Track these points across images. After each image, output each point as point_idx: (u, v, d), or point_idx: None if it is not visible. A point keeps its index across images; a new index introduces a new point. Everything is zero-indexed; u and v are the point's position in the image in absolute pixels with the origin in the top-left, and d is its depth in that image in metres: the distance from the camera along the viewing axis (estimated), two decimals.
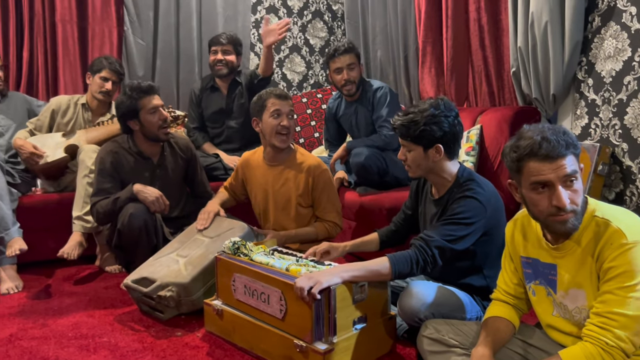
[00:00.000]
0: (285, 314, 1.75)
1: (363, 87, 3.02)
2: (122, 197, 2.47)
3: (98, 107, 3.13)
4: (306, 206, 2.47)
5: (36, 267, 2.82)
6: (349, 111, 3.10)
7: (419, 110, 1.83)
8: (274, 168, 2.49)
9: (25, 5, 3.47)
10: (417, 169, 1.89)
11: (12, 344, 1.97)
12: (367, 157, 2.76)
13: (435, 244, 1.75)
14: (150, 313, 2.23)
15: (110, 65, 3.06)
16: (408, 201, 2.14)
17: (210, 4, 4.05)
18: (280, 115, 2.39)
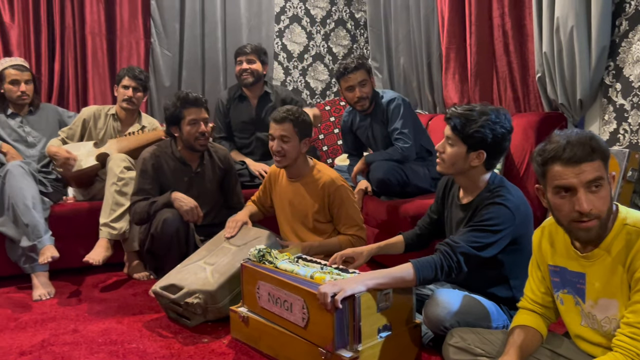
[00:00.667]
0: (308, 323, 1.76)
1: (376, 100, 2.98)
2: (158, 202, 2.55)
3: (126, 117, 3.20)
4: (324, 221, 2.48)
5: (67, 274, 2.88)
6: (364, 124, 3.08)
7: (479, 111, 1.80)
8: (293, 183, 2.51)
9: (57, 18, 3.58)
10: (450, 166, 1.86)
11: (44, 349, 2.02)
12: (385, 172, 2.76)
13: (461, 250, 1.74)
14: (178, 320, 2.26)
15: (128, 72, 3.14)
16: (434, 205, 2.13)
17: (234, 14, 4.12)
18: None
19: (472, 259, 1.75)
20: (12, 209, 2.64)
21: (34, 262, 2.64)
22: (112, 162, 2.86)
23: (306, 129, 2.43)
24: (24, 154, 3.05)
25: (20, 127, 3.11)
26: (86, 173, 2.96)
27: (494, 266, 1.84)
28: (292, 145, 2.39)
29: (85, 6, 3.64)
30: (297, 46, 4.50)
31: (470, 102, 3.47)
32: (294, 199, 2.50)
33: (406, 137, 2.86)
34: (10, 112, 3.10)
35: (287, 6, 4.41)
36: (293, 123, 2.39)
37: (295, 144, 2.40)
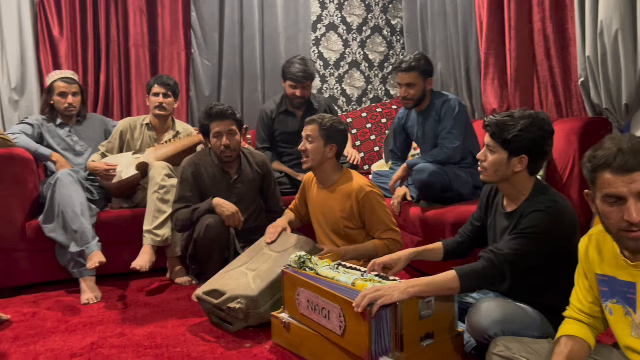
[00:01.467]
0: (345, 331, 1.76)
1: (432, 99, 3.00)
2: (201, 209, 2.61)
3: (160, 124, 3.29)
4: (356, 228, 2.48)
5: (112, 279, 2.97)
6: (418, 121, 3.09)
7: (517, 116, 1.79)
8: (322, 191, 2.54)
9: (103, 32, 3.71)
10: (493, 174, 1.85)
11: (94, 351, 2.09)
12: (430, 174, 2.74)
13: (505, 258, 1.72)
14: (220, 325, 2.30)
15: (157, 80, 3.24)
16: (477, 212, 2.11)
17: (272, 24, 4.18)
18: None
19: (517, 267, 1.73)
20: (62, 216, 2.74)
21: (82, 267, 2.73)
22: (153, 170, 2.94)
23: (333, 135, 2.46)
24: (73, 163, 3.17)
25: (69, 136, 3.23)
26: (128, 183, 3.05)
27: (538, 274, 1.81)
28: (316, 147, 2.44)
29: (130, 19, 3.77)
30: (334, 54, 4.53)
31: (510, 108, 3.43)
32: (324, 206, 2.53)
33: (454, 137, 2.85)
34: (59, 122, 3.23)
35: (323, 15, 4.45)
36: (319, 126, 2.45)
37: (319, 147, 2.44)
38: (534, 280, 1.83)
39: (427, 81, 2.96)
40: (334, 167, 2.52)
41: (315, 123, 2.47)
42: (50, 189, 2.81)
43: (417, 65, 2.92)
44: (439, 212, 2.67)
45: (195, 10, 3.96)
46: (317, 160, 2.47)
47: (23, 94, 3.56)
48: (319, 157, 2.46)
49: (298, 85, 3.42)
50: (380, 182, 3.28)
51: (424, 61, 2.96)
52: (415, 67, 2.91)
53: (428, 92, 3.00)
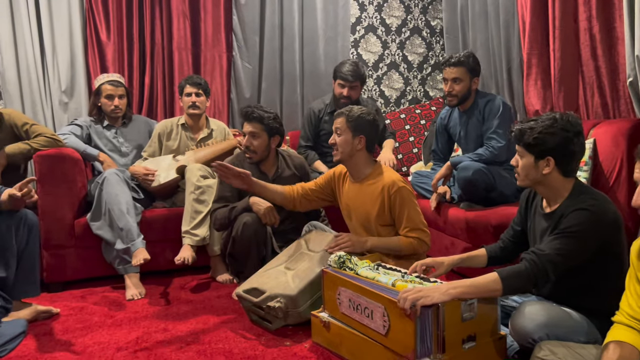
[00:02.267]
0: (389, 330, 1.77)
1: (475, 98, 2.98)
2: (238, 207, 2.66)
3: (195, 123, 3.37)
4: (386, 224, 2.44)
5: (155, 276, 3.04)
6: (460, 121, 3.07)
7: (541, 119, 1.80)
8: (354, 185, 2.50)
9: (147, 35, 3.81)
10: (525, 178, 1.86)
11: (139, 345, 2.16)
12: (475, 172, 2.70)
13: (548, 258, 1.70)
14: (259, 323, 2.33)
15: (188, 80, 3.31)
16: (517, 217, 2.08)
17: (311, 27, 4.21)
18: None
19: (560, 267, 1.71)
20: (109, 214, 2.83)
21: (127, 263, 2.82)
22: (189, 172, 3.01)
23: (361, 126, 2.42)
24: (118, 163, 3.27)
25: (115, 137, 3.34)
26: (168, 186, 3.13)
27: (582, 275, 1.78)
28: (344, 139, 2.42)
29: (173, 23, 3.86)
30: (372, 55, 4.53)
31: (553, 109, 3.35)
32: (355, 200, 2.50)
33: (500, 137, 2.81)
34: (106, 123, 3.34)
35: (362, 16, 4.46)
36: (346, 117, 2.43)
37: (348, 139, 2.42)
38: (578, 282, 1.79)
39: (473, 80, 2.94)
40: (365, 160, 2.47)
41: (343, 115, 2.45)
42: (97, 188, 2.90)
43: (466, 61, 2.92)
44: (481, 213, 2.63)
45: (237, 14, 4.02)
46: (347, 152, 2.43)
47: (72, 96, 3.70)
48: (348, 149, 2.43)
49: (346, 84, 3.42)
50: (420, 182, 3.25)
51: (473, 59, 2.95)
52: (463, 62, 2.91)
53: (473, 92, 2.98)
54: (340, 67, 3.46)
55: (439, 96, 4.66)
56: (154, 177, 3.09)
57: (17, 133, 2.96)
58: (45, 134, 2.96)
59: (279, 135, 2.82)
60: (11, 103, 3.56)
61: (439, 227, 2.98)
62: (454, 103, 2.99)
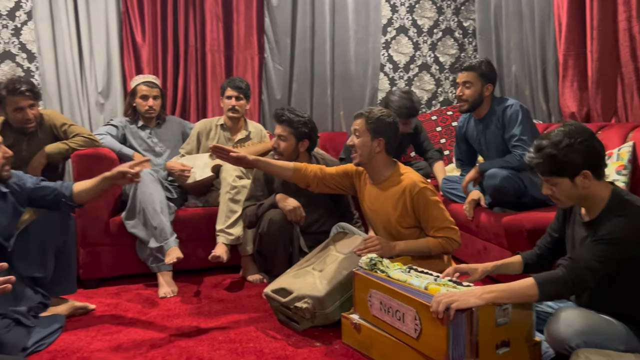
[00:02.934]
0: (420, 334, 1.75)
1: (492, 106, 2.93)
2: (265, 204, 2.71)
3: (233, 125, 3.41)
4: (408, 227, 2.39)
5: (187, 274, 3.08)
6: (478, 129, 3.02)
7: (553, 143, 1.73)
8: (374, 187, 2.47)
9: (181, 38, 3.87)
10: (568, 200, 1.79)
11: (172, 343, 2.19)
12: (502, 179, 2.66)
13: (586, 265, 1.66)
14: (287, 323, 2.34)
15: (230, 83, 3.34)
16: (554, 223, 2.03)
17: (342, 28, 4.21)
18: None
19: (598, 275, 1.67)
20: (143, 213, 2.89)
21: (161, 262, 2.86)
22: (225, 172, 3.04)
23: (380, 129, 2.37)
24: (152, 163, 3.33)
25: (149, 137, 3.40)
26: (202, 183, 3.17)
27: (621, 283, 1.73)
28: (363, 142, 2.37)
29: (207, 25, 3.91)
30: (403, 57, 4.51)
31: (590, 112, 3.28)
32: (376, 203, 2.46)
33: (525, 144, 2.75)
34: (140, 124, 3.40)
35: (394, 17, 4.44)
36: (366, 119, 2.39)
37: (366, 141, 2.37)
38: (617, 290, 1.74)
39: (485, 86, 2.89)
40: (384, 162, 2.43)
41: (362, 116, 2.40)
42: (132, 187, 2.96)
43: (477, 66, 2.89)
44: (515, 217, 2.58)
45: (269, 16, 4.05)
46: (366, 155, 2.39)
47: (108, 97, 3.78)
48: (367, 152, 2.38)
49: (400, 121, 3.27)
50: (449, 187, 3.21)
51: (486, 65, 2.90)
52: (474, 67, 2.89)
53: (486, 99, 2.92)
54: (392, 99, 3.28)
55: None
56: (190, 174, 3.14)
57: (56, 133, 3.05)
58: (83, 134, 3.03)
59: (308, 139, 2.82)
60: (50, 104, 3.66)
61: (471, 231, 2.94)
62: (464, 108, 2.95)
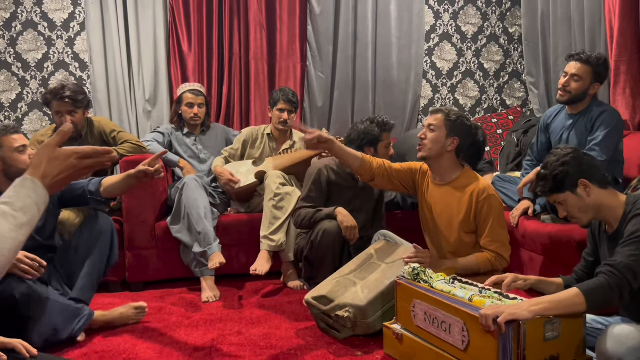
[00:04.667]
0: (468, 346, 1.72)
1: (590, 105, 2.77)
2: (323, 212, 2.71)
3: (280, 136, 3.44)
4: (469, 232, 2.36)
5: (229, 279, 3.12)
6: (565, 123, 2.86)
7: (544, 166, 1.90)
8: (439, 188, 2.43)
9: (226, 46, 3.95)
10: (582, 214, 1.86)
11: (214, 347, 2.22)
12: None
13: (624, 265, 1.65)
14: (327, 331, 2.33)
15: (284, 96, 3.36)
16: (588, 248, 2.02)
17: (385, 35, 4.20)
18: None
19: (638, 273, 1.65)
20: (188, 218, 2.94)
21: (204, 266, 2.91)
22: (269, 179, 3.07)
23: (458, 128, 2.35)
24: (197, 169, 3.40)
25: (194, 144, 3.47)
26: (246, 190, 3.22)
27: None
28: (437, 136, 2.34)
29: (250, 34, 3.97)
30: (447, 63, 4.45)
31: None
32: (439, 204, 2.42)
33: (603, 150, 2.59)
34: (186, 131, 3.48)
35: (437, 24, 4.39)
36: (445, 116, 2.37)
37: (441, 136, 2.34)
38: None
39: (593, 84, 2.74)
40: (452, 163, 2.39)
41: (442, 113, 2.38)
42: (177, 193, 3.03)
43: (594, 62, 2.71)
44: (564, 228, 2.48)
45: (312, 24, 4.08)
46: (435, 150, 2.35)
47: (155, 105, 3.89)
48: (437, 148, 2.34)
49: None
50: (502, 186, 3.08)
51: (603, 64, 2.74)
52: (590, 61, 2.71)
53: (589, 97, 2.76)
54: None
55: (517, 105, 4.50)
56: (236, 185, 3.18)
57: (105, 140, 3.15)
58: (131, 141, 3.12)
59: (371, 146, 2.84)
60: (100, 111, 3.79)
61: (516, 241, 2.86)
62: (564, 99, 2.77)
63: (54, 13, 3.80)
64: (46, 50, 3.81)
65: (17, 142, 2.21)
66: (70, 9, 3.82)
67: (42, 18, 3.78)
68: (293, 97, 3.39)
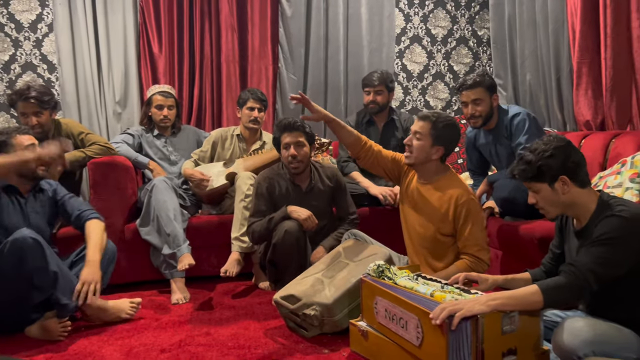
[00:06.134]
0: (422, 342, 1.75)
1: (499, 116, 2.90)
2: (276, 217, 2.72)
3: (250, 136, 3.44)
4: (446, 234, 2.40)
5: (200, 281, 3.11)
6: (488, 140, 3.00)
7: (530, 151, 1.84)
8: (422, 185, 2.48)
9: (197, 48, 3.94)
10: (552, 208, 1.84)
11: (181, 348, 2.22)
12: (511, 191, 2.65)
13: (587, 267, 1.66)
14: (296, 330, 2.35)
15: (253, 95, 3.37)
16: (555, 240, 2.05)
17: (356, 37, 4.24)
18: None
19: (600, 275, 1.66)
20: (157, 220, 2.93)
21: (173, 268, 2.90)
22: (239, 180, 3.08)
23: (443, 137, 2.38)
24: (167, 171, 3.38)
25: (165, 146, 3.46)
26: (217, 191, 3.21)
27: (626, 287, 1.71)
28: (422, 145, 2.38)
29: (222, 36, 3.98)
30: (417, 66, 4.51)
31: (604, 120, 3.25)
32: (419, 202, 2.46)
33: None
34: (156, 132, 3.46)
35: (407, 27, 4.45)
36: (432, 124, 2.38)
37: (426, 145, 2.37)
38: (623, 295, 1.72)
39: (492, 97, 2.87)
40: (436, 168, 2.44)
41: (429, 120, 2.39)
42: (147, 195, 3.01)
43: (482, 80, 2.85)
44: (526, 226, 2.56)
45: (283, 27, 4.10)
46: (421, 158, 2.40)
47: (125, 107, 3.86)
48: (422, 156, 2.39)
49: (370, 90, 3.53)
50: None
51: (488, 77, 2.89)
52: (480, 82, 2.84)
53: (495, 109, 2.90)
54: (365, 76, 3.62)
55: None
56: (208, 184, 3.18)
57: (73, 142, 3.11)
58: (99, 143, 3.10)
59: (312, 144, 2.91)
60: (69, 113, 3.75)
61: None
62: (479, 124, 2.90)
63: (21, 14, 3.75)
64: (13, 51, 3.75)
65: (27, 141, 2.51)
66: (38, 10, 3.77)
67: (8, 19, 3.73)
68: (262, 96, 3.40)
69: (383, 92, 3.53)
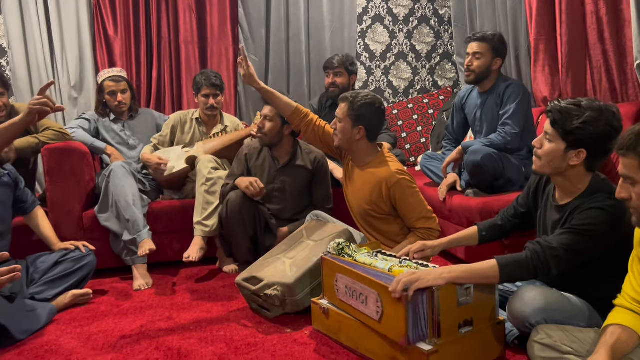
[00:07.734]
0: (382, 317, 1.76)
1: (497, 81, 2.92)
2: (229, 185, 2.77)
3: (210, 120, 3.38)
4: (382, 214, 2.45)
5: (164, 267, 3.07)
6: (477, 102, 3.01)
7: (585, 106, 1.66)
8: (355, 169, 2.52)
9: (154, 30, 3.85)
10: (547, 165, 1.75)
11: (142, 334, 2.19)
12: (484, 157, 2.64)
13: (554, 253, 1.66)
14: (259, 311, 2.35)
15: (206, 81, 3.26)
16: (522, 198, 2.03)
17: (317, 18, 4.20)
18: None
19: (564, 263, 1.67)
20: (116, 206, 2.87)
21: (135, 254, 2.85)
22: (200, 164, 3.03)
23: (363, 116, 2.39)
24: (126, 156, 3.31)
25: (122, 131, 3.37)
26: (177, 176, 3.15)
27: (590, 268, 1.73)
28: (343, 128, 2.41)
29: (180, 17, 3.89)
30: (380, 45, 4.51)
31: (561, 95, 3.30)
32: (354, 184, 2.52)
33: (515, 124, 2.75)
34: (113, 117, 3.37)
35: (369, 7, 4.43)
36: (349, 105, 2.40)
37: (347, 127, 2.40)
38: (583, 272, 1.75)
39: (495, 60, 2.88)
40: (365, 149, 2.46)
41: (346, 101, 2.41)
42: (104, 180, 2.94)
43: (490, 38, 2.87)
44: (486, 200, 2.60)
45: (243, 7, 4.03)
46: (345, 140, 2.43)
47: (81, 91, 3.76)
48: (346, 138, 2.42)
49: (330, 72, 3.55)
50: (430, 164, 3.19)
51: (499, 39, 2.90)
52: (487, 38, 2.87)
53: (493, 72, 2.91)
54: (327, 59, 3.67)
55: (448, 85, 4.61)
56: (166, 168, 3.12)
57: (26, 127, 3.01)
58: (53, 128, 3.00)
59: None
60: (22, 98, 3.63)
61: (444, 216, 2.95)
62: (471, 78, 2.91)
63: None
64: None
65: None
66: None
67: None
68: (216, 80, 3.30)
69: (343, 74, 3.54)
